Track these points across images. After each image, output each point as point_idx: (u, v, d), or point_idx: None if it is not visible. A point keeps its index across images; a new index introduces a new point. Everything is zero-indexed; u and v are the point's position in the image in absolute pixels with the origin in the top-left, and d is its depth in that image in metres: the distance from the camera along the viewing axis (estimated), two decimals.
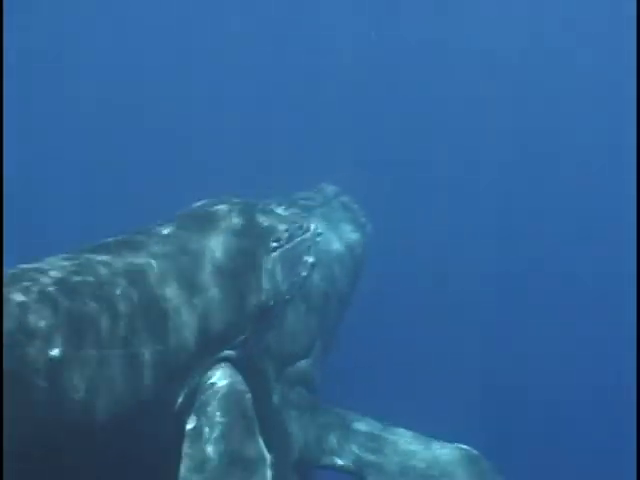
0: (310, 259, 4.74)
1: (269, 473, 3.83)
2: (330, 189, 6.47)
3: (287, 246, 4.62)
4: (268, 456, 3.87)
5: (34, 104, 13.97)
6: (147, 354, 3.73)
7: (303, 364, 5.00)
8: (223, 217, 4.50)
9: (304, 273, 4.69)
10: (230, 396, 4.01)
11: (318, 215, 5.88)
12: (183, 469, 3.78)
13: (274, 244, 4.56)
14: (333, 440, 4.80)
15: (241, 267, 4.32)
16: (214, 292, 4.12)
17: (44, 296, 3.54)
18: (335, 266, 5.74)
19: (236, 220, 4.52)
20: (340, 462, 4.78)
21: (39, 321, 3.46)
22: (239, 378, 4.12)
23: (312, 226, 4.85)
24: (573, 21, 16.46)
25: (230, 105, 15.04)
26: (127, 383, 3.65)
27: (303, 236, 4.75)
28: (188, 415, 3.93)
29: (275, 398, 4.63)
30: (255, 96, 15.44)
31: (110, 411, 3.58)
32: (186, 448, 3.83)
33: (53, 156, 13.60)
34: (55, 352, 3.44)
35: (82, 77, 14.95)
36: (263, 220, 4.65)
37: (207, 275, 4.14)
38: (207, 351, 4.04)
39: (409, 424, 4.99)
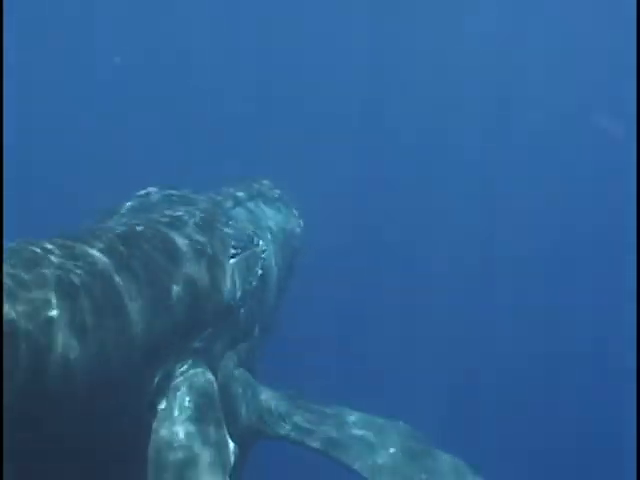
0: (260, 271, 5.32)
1: (232, 458, 4.16)
2: (264, 182, 6.70)
3: (242, 255, 5.14)
4: (232, 443, 4.22)
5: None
6: (131, 334, 4.06)
7: (243, 347, 5.19)
8: (188, 220, 4.95)
9: (254, 283, 5.22)
10: (198, 383, 4.41)
11: (255, 206, 6.21)
12: (152, 447, 4.13)
13: (233, 251, 5.05)
14: (275, 412, 5.05)
15: (204, 269, 4.70)
16: (179, 290, 4.44)
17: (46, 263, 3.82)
18: (273, 256, 5.93)
19: (201, 224, 4.98)
20: (282, 432, 5.01)
21: (39, 282, 3.70)
22: (206, 368, 4.52)
23: (261, 242, 5.47)
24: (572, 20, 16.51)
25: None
26: (107, 358, 3.92)
27: (254, 249, 5.32)
28: (160, 398, 4.28)
29: (220, 377, 4.82)
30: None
31: (88, 381, 3.80)
32: (156, 427, 4.18)
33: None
34: (53, 313, 3.68)
35: None
36: (224, 227, 5.18)
37: (174, 274, 4.48)
38: (177, 343, 4.40)
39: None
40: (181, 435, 4.17)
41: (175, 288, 4.43)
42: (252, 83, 15.72)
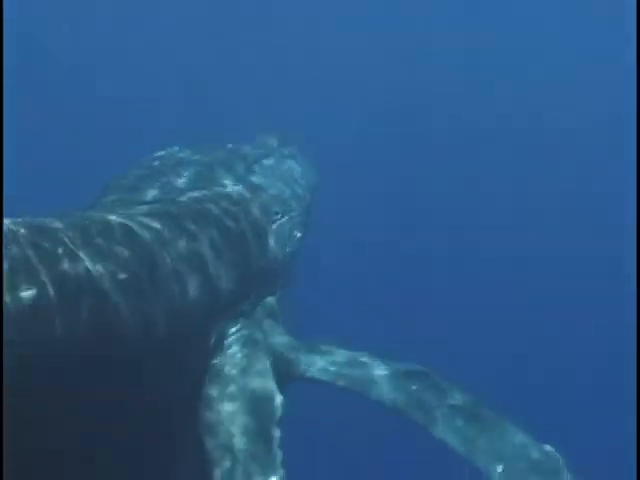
0: (299, 234, 5.68)
1: (279, 410, 4.45)
2: (272, 140, 6.89)
3: (282, 220, 5.54)
4: (280, 396, 4.52)
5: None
6: (199, 297, 4.49)
7: (269, 300, 5.36)
8: (234, 188, 5.42)
9: (294, 246, 5.60)
10: (247, 342, 4.79)
11: (279, 162, 6.47)
12: (204, 401, 4.45)
13: (276, 216, 5.48)
14: (303, 358, 5.08)
15: (253, 236, 5.15)
16: (234, 256, 4.89)
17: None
18: (303, 215, 6.14)
19: (244, 192, 5.42)
20: (309, 374, 5.03)
21: (115, 247, 4.07)
22: (253, 327, 4.91)
23: (296, 205, 5.80)
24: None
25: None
26: (176, 316, 4.31)
27: (291, 213, 5.68)
28: (215, 355, 4.66)
29: (262, 333, 5.07)
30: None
31: (163, 336, 4.19)
32: (208, 382, 4.53)
33: None
34: (122, 276, 3.99)
35: None
36: (265, 194, 5.60)
37: (230, 242, 4.92)
38: (230, 305, 4.81)
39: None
40: (232, 389, 4.50)
41: (231, 255, 4.86)
42: None
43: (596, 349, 12.14)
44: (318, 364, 4.94)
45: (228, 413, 4.40)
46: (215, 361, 4.66)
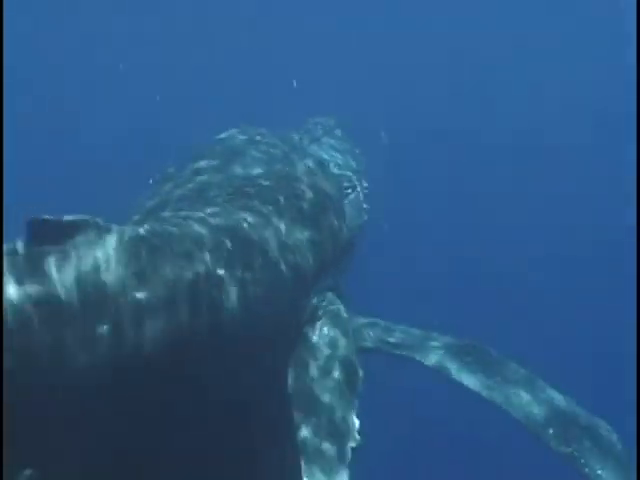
0: (367, 206, 5.98)
1: (360, 382, 4.73)
2: (326, 122, 7.24)
3: (352, 196, 5.83)
4: (361, 369, 4.79)
5: None
6: (288, 276, 4.77)
7: (329, 280, 5.58)
8: (305, 168, 5.64)
9: (365, 217, 5.92)
10: (334, 315, 5.06)
11: (333, 141, 6.77)
12: (293, 369, 4.75)
13: (347, 191, 5.79)
14: (370, 332, 5.38)
15: (334, 213, 5.40)
16: (325, 234, 5.17)
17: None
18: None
19: (316, 169, 5.68)
20: (370, 344, 5.30)
21: (221, 244, 4.34)
22: (338, 301, 5.17)
23: (361, 180, 6.07)
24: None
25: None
26: (278, 296, 4.65)
27: (358, 188, 5.96)
28: (307, 327, 4.96)
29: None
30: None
31: (266, 316, 4.51)
32: (299, 352, 4.83)
33: None
34: (221, 272, 4.24)
35: None
36: (335, 170, 5.94)
37: (320, 220, 5.18)
38: (321, 280, 5.10)
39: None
40: (320, 359, 4.79)
41: (322, 233, 5.15)
42: None
43: (596, 349, 12.12)
44: (378, 336, 5.23)
45: (315, 380, 4.67)
46: (306, 333, 4.94)
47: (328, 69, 16.63)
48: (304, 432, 4.43)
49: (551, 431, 4.71)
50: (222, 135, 6.26)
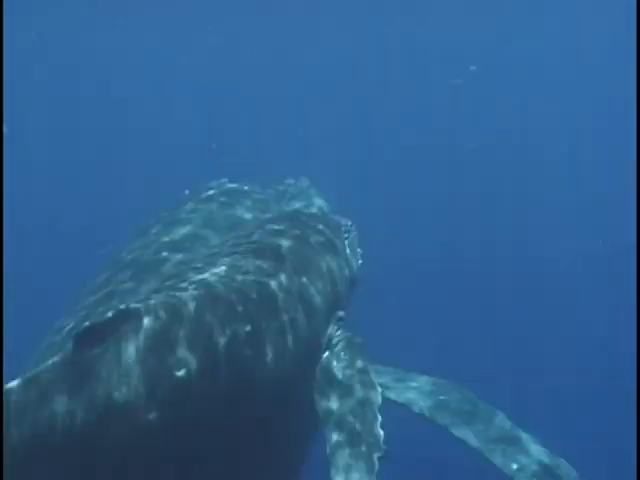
0: (360, 250, 6.46)
1: (380, 397, 5.12)
2: (302, 181, 7.91)
3: (349, 238, 6.35)
4: (379, 386, 5.20)
5: None
6: (322, 307, 5.37)
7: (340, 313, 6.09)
8: (310, 214, 6.37)
9: (360, 260, 6.38)
10: (348, 342, 5.48)
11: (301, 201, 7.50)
12: (317, 387, 5.21)
13: (345, 235, 6.34)
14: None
15: (342, 253, 6.03)
16: (339, 272, 5.77)
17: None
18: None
19: (320, 216, 6.39)
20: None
21: (238, 305, 4.75)
22: (348, 331, 5.60)
23: (351, 224, 6.60)
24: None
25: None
26: (303, 334, 5.12)
27: (353, 232, 6.48)
28: (325, 353, 5.45)
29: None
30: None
31: (296, 354, 5.01)
32: (319, 374, 5.30)
33: None
34: (248, 328, 4.70)
35: None
36: (332, 217, 6.54)
37: (334, 260, 5.78)
38: (335, 312, 5.59)
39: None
40: (339, 377, 5.26)
41: (338, 272, 5.74)
42: None
43: (596, 348, 12.12)
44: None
45: (340, 399, 5.12)
46: (327, 358, 5.42)
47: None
48: (333, 446, 4.86)
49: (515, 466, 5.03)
50: (212, 183, 7.17)
